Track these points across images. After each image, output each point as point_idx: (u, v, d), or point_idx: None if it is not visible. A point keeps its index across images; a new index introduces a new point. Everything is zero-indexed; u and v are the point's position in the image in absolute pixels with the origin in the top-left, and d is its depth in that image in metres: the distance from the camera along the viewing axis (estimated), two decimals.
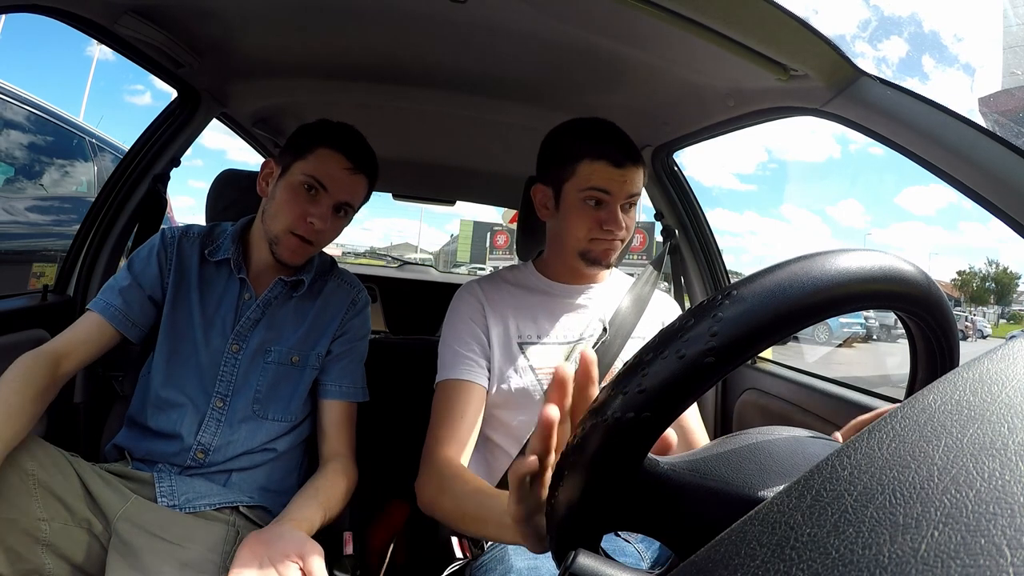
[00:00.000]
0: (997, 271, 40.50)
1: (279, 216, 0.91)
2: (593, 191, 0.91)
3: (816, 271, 0.32)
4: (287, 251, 0.92)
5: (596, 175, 0.91)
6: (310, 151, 0.91)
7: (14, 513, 0.69)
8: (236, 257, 0.95)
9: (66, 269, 1.29)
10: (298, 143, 0.93)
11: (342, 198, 0.93)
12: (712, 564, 0.22)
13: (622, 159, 0.91)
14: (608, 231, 0.91)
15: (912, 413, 0.22)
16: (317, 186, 0.90)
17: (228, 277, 0.96)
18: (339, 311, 0.99)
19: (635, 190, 0.92)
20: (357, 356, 1.00)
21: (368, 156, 0.95)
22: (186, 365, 0.92)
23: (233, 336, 0.93)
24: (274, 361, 0.94)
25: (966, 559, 0.16)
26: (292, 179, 0.91)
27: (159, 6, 0.97)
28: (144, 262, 0.96)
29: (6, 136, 2.71)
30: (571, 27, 0.94)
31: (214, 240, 0.99)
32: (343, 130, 0.94)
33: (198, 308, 0.94)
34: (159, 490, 0.85)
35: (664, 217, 1.47)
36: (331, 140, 0.91)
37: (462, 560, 0.86)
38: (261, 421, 0.93)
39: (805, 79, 0.85)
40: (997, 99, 26.74)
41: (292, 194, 0.90)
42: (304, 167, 0.90)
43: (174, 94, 1.28)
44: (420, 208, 28.17)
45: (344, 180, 0.92)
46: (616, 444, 0.32)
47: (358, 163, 0.93)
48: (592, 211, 0.92)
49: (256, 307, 0.95)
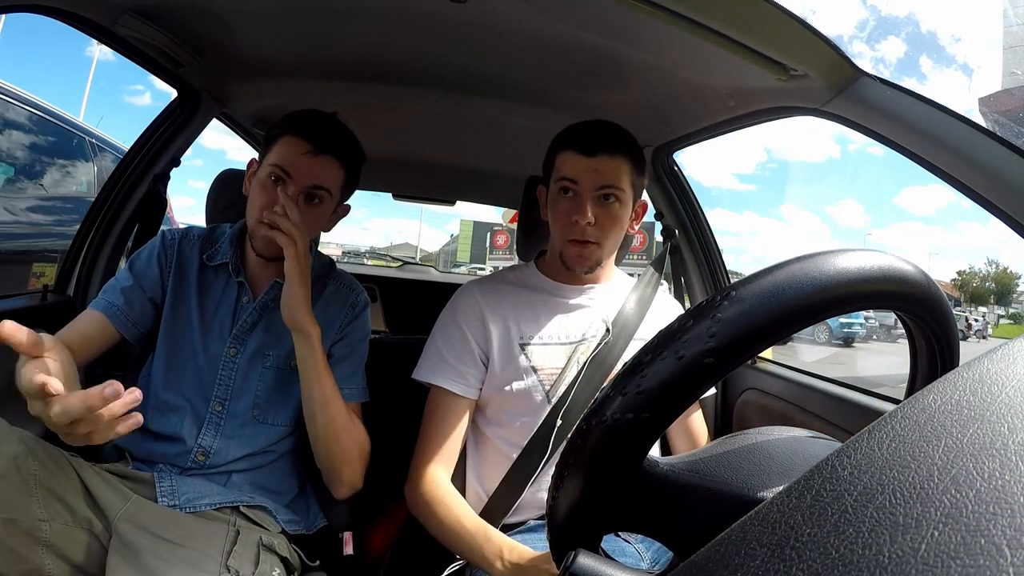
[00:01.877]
0: (997, 271, 40.51)
1: (251, 210, 0.91)
2: (564, 181, 0.91)
3: (815, 271, 0.32)
4: (260, 242, 0.91)
5: (566, 165, 0.91)
6: (274, 142, 0.91)
7: (15, 514, 0.69)
8: (234, 260, 0.95)
9: (66, 269, 1.29)
10: (267, 137, 0.93)
11: (308, 182, 0.90)
12: (712, 564, 0.22)
13: (592, 148, 0.89)
14: (575, 223, 0.89)
15: (912, 413, 0.22)
16: (282, 175, 0.89)
17: (227, 280, 0.96)
18: (338, 315, 0.99)
19: (608, 181, 0.89)
20: (358, 358, 1.00)
21: (334, 136, 0.91)
22: (185, 369, 0.92)
23: (231, 340, 0.93)
24: (273, 366, 0.94)
25: (966, 559, 0.16)
26: (261, 173, 0.91)
27: (159, 6, 0.97)
28: (145, 263, 0.96)
29: (6, 136, 2.71)
30: (571, 27, 0.94)
31: (213, 243, 0.99)
32: (304, 115, 0.92)
33: (196, 312, 0.94)
34: (159, 490, 0.85)
35: (664, 217, 1.47)
36: (292, 127, 0.90)
37: (462, 561, 0.87)
38: (261, 425, 0.93)
39: (805, 79, 0.85)
40: (997, 99, 26.75)
41: (260, 187, 0.90)
42: (269, 159, 0.90)
43: (174, 94, 1.28)
44: (420, 208, 28.19)
45: (306, 164, 0.89)
46: (615, 445, 0.32)
47: (320, 144, 0.89)
48: (564, 203, 0.91)
49: (253, 310, 0.94)
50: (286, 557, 0.85)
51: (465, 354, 0.94)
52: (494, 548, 0.80)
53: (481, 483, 0.96)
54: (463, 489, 0.96)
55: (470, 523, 0.84)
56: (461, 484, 0.96)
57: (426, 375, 0.95)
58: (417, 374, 0.96)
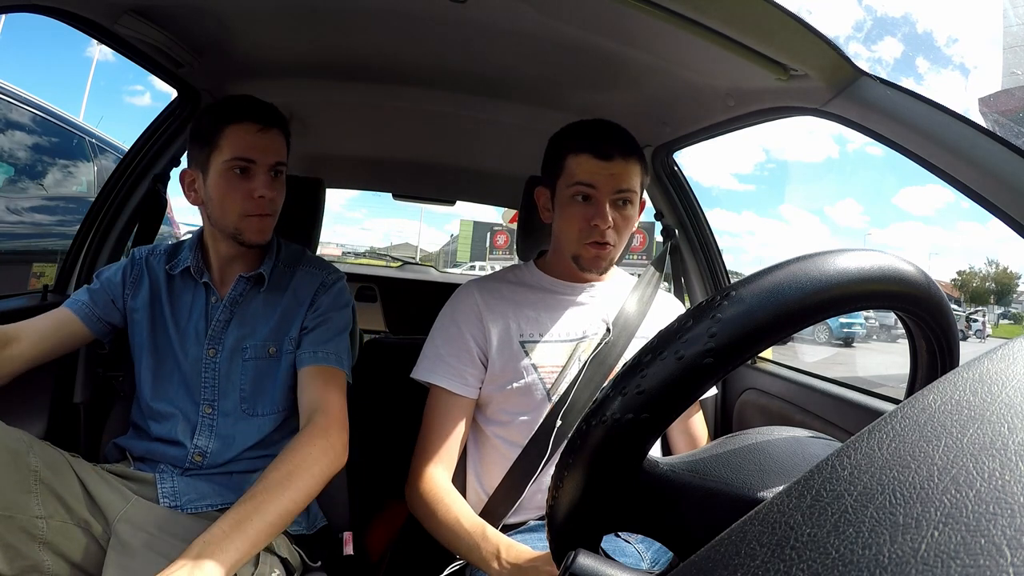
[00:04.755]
0: (997, 271, 40.49)
1: (227, 209, 0.90)
2: (579, 186, 0.90)
3: (815, 271, 0.32)
4: (253, 233, 0.91)
5: (581, 169, 0.91)
6: (218, 138, 0.89)
7: (12, 510, 0.69)
8: (196, 263, 0.96)
9: (66, 269, 1.29)
10: (202, 140, 0.91)
11: (271, 160, 0.91)
12: (712, 564, 0.22)
13: (609, 152, 0.89)
14: (595, 227, 0.89)
15: (912, 413, 0.22)
16: (245, 162, 0.89)
17: (195, 286, 0.97)
18: (308, 293, 0.98)
19: (625, 185, 0.90)
20: (333, 326, 0.96)
21: (268, 109, 0.92)
22: (170, 379, 0.94)
23: (208, 341, 0.93)
24: (252, 357, 0.94)
25: (966, 559, 0.16)
26: (218, 172, 0.89)
27: (159, 6, 0.97)
28: (111, 273, 1.00)
29: (6, 136, 2.71)
30: (571, 27, 0.94)
31: (176, 254, 1.00)
32: (233, 101, 0.92)
33: (171, 322, 0.95)
34: (160, 491, 0.85)
35: (664, 217, 1.47)
36: (230, 116, 0.89)
37: (462, 561, 0.87)
38: (252, 419, 0.93)
39: (805, 79, 0.85)
40: (997, 99, 26.74)
41: (227, 184, 0.89)
42: (222, 155, 0.89)
43: (174, 94, 1.28)
44: (420, 208, 28.20)
45: (263, 142, 0.90)
46: (615, 445, 0.32)
47: (265, 120, 0.90)
48: (581, 208, 0.91)
49: (224, 308, 0.95)
50: (286, 558, 0.85)
51: (464, 353, 0.94)
52: (491, 547, 0.80)
53: (481, 483, 0.96)
54: (463, 489, 0.96)
55: (468, 522, 0.84)
56: (461, 484, 0.97)
57: (424, 374, 0.95)
58: (416, 373, 0.96)
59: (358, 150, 1.78)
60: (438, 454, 0.91)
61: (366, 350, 1.34)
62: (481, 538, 0.81)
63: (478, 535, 0.82)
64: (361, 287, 2.17)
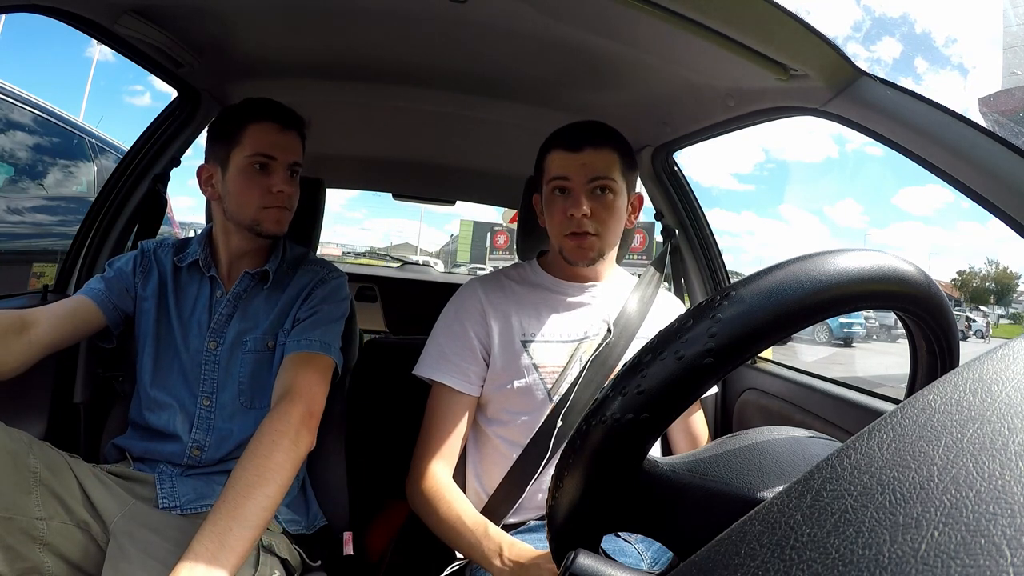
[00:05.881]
0: (997, 271, 40.47)
1: (245, 203, 0.94)
2: (555, 180, 0.93)
3: (815, 271, 0.32)
4: (271, 223, 0.95)
5: (554, 164, 0.93)
6: (241, 135, 0.93)
7: (12, 511, 0.69)
8: (204, 257, 0.98)
9: (66, 269, 1.29)
10: (223, 136, 0.95)
11: (290, 159, 0.96)
12: (712, 564, 0.22)
13: (578, 143, 0.91)
14: (572, 217, 0.90)
15: (912, 413, 0.22)
16: (265, 159, 0.93)
17: (200, 279, 0.99)
18: (306, 289, 1.00)
19: (598, 173, 0.90)
20: (322, 316, 0.96)
21: (289, 112, 0.97)
22: (170, 369, 0.95)
23: (210, 334, 0.95)
24: (251, 350, 0.96)
25: (966, 559, 0.16)
26: (238, 166, 0.93)
27: (159, 6, 0.97)
28: (123, 262, 1.01)
29: (7, 136, 2.71)
30: (571, 27, 0.94)
31: (185, 247, 1.02)
32: (257, 102, 0.97)
33: (175, 313, 0.97)
34: (160, 492, 0.85)
35: (664, 217, 1.47)
36: (253, 115, 0.94)
37: (462, 560, 0.87)
38: (249, 412, 0.94)
39: (805, 79, 0.85)
40: (997, 99, 26.72)
41: (247, 178, 0.93)
42: (243, 151, 0.93)
43: (174, 94, 1.28)
44: (420, 208, 28.21)
45: (282, 142, 0.95)
46: (615, 445, 0.32)
47: (286, 121, 0.96)
48: (560, 201, 0.93)
49: (227, 302, 0.97)
50: (286, 558, 0.85)
51: (466, 351, 0.94)
52: (493, 544, 0.80)
53: (481, 483, 0.96)
54: (463, 489, 0.96)
55: (470, 519, 0.84)
56: (461, 484, 0.96)
57: (427, 371, 0.95)
58: (418, 370, 0.97)
59: (358, 150, 1.78)
60: (440, 451, 0.91)
61: (366, 350, 1.34)
62: (483, 535, 0.81)
63: (480, 532, 0.82)
64: (361, 287, 2.17)
